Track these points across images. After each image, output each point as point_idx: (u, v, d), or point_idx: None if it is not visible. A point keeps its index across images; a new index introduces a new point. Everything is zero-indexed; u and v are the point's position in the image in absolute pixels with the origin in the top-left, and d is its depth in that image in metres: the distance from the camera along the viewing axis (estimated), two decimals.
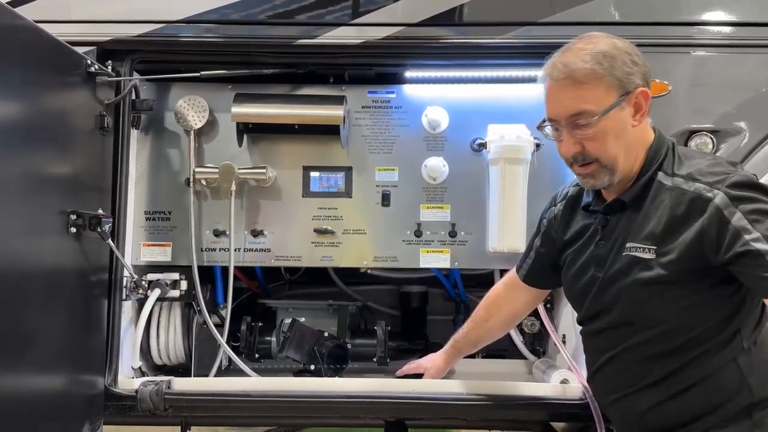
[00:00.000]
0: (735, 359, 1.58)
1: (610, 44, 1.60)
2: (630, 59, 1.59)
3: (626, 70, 1.57)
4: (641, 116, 1.61)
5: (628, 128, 1.61)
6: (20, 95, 1.72)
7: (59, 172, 1.93)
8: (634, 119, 1.60)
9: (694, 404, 1.62)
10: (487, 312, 2.16)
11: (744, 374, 1.58)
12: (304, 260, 2.39)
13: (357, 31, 2.24)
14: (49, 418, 1.86)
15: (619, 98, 1.57)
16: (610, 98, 1.57)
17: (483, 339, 2.21)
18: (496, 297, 2.16)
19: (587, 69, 1.56)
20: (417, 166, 2.38)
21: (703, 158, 1.63)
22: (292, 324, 2.42)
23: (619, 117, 1.59)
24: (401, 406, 2.18)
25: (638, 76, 1.59)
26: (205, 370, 2.40)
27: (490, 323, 2.16)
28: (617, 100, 1.57)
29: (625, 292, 1.65)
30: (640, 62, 1.61)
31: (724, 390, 1.59)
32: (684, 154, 1.65)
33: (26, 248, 1.73)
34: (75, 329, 2.01)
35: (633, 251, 1.62)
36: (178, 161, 2.40)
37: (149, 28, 2.23)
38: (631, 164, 1.65)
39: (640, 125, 1.63)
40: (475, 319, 2.18)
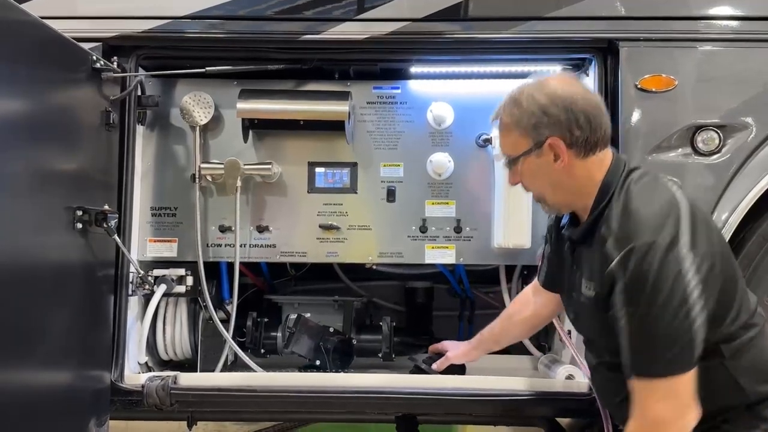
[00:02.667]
0: (722, 363, 1.61)
1: (530, 95, 1.66)
2: (543, 111, 1.64)
3: (533, 122, 1.65)
4: (564, 162, 1.66)
5: (552, 171, 1.68)
6: (26, 91, 1.73)
7: (65, 168, 1.94)
8: (557, 164, 1.67)
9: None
10: (513, 311, 2.20)
11: (733, 375, 1.61)
12: (310, 256, 2.39)
13: (362, 26, 2.24)
14: (56, 413, 1.87)
15: (530, 147, 1.67)
16: (522, 146, 1.69)
17: (505, 336, 2.23)
18: (524, 298, 2.20)
19: (502, 120, 1.72)
20: (422, 162, 2.38)
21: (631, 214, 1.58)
22: (297, 319, 2.43)
23: (537, 162, 1.69)
24: (407, 402, 2.19)
25: (550, 128, 1.64)
26: (211, 366, 2.41)
27: (513, 321, 2.18)
28: (528, 148, 1.68)
29: (589, 320, 1.75)
30: (556, 112, 1.63)
31: (714, 395, 1.60)
32: (627, 202, 1.61)
33: (33, 244, 1.74)
34: (81, 325, 2.01)
35: (584, 287, 1.70)
36: (183, 157, 2.41)
37: (155, 24, 2.23)
38: (574, 200, 1.73)
39: (577, 166, 1.67)
40: (501, 317, 2.21)
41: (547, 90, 1.66)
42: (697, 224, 1.55)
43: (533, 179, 1.74)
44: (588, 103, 1.65)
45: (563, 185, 1.71)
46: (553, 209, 1.83)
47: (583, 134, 1.64)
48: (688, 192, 2.06)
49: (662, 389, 1.52)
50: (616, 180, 1.66)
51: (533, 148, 1.67)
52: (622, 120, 2.16)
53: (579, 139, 1.64)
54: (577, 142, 1.64)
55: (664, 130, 2.16)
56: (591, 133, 1.64)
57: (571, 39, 2.24)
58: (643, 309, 1.51)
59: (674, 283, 1.48)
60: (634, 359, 1.55)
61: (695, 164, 2.16)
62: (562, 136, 1.64)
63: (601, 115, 1.66)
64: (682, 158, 2.16)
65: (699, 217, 1.59)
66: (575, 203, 1.75)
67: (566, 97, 1.64)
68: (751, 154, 2.15)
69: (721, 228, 2.11)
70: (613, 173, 1.68)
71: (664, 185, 1.65)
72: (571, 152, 1.66)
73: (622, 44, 2.18)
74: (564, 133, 1.64)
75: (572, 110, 1.63)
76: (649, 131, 2.17)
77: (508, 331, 2.20)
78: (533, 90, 1.67)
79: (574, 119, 1.63)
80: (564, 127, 1.64)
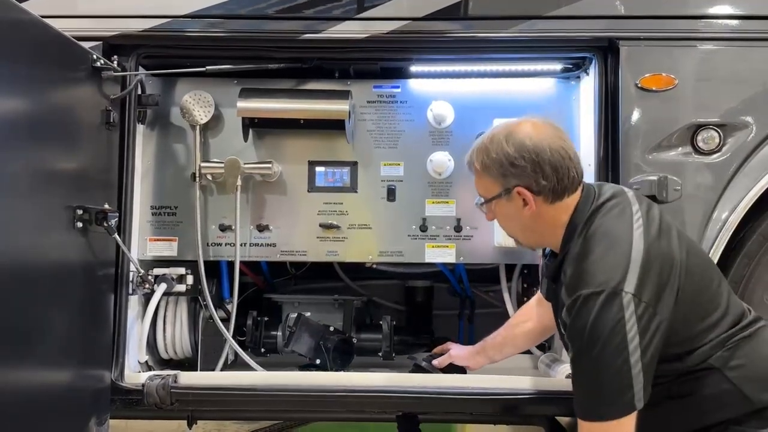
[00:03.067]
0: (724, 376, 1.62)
1: (498, 144, 1.71)
2: (510, 162, 1.69)
3: (501, 172, 1.72)
4: (532, 208, 1.72)
5: (522, 216, 1.75)
6: (26, 90, 1.73)
7: (65, 167, 1.93)
8: (526, 210, 1.73)
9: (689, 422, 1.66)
10: (516, 321, 2.25)
11: (737, 386, 1.62)
12: (310, 255, 2.39)
13: (362, 25, 2.24)
14: (56, 412, 1.87)
15: (500, 192, 1.75)
16: (493, 190, 1.77)
17: (508, 346, 2.25)
18: (527, 309, 2.24)
19: (473, 165, 1.80)
20: (422, 161, 2.38)
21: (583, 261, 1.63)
22: (297, 318, 2.43)
23: (507, 206, 1.76)
24: (407, 401, 2.19)
25: (518, 178, 1.70)
26: (211, 365, 2.41)
27: (516, 332, 2.22)
28: (498, 193, 1.75)
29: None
30: (522, 164, 1.68)
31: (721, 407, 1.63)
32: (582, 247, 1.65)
33: (33, 243, 1.74)
34: (81, 324, 2.01)
35: (559, 317, 1.73)
36: (183, 156, 2.40)
37: (155, 23, 2.23)
38: (544, 240, 1.82)
39: (545, 210, 1.73)
40: (506, 325, 2.25)
41: (515, 139, 1.70)
42: (647, 270, 1.57)
43: (505, 221, 1.85)
44: (555, 153, 1.68)
45: (533, 228, 1.79)
46: (527, 247, 1.96)
47: (550, 183, 1.69)
48: (687, 191, 2.12)
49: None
50: (581, 220, 1.70)
51: (503, 193, 1.75)
52: (623, 119, 2.17)
53: (546, 188, 1.70)
54: (544, 190, 1.70)
55: (665, 129, 2.16)
56: (557, 183, 1.69)
57: (572, 38, 2.23)
58: (583, 355, 1.57)
59: (612, 331, 1.52)
60: (576, 402, 1.62)
61: (695, 163, 2.16)
62: (529, 185, 1.70)
63: (567, 163, 1.69)
64: (682, 157, 2.16)
65: (653, 260, 1.59)
66: (546, 242, 1.84)
67: (533, 148, 1.68)
68: (751, 153, 2.15)
69: (721, 227, 2.12)
70: (579, 212, 1.72)
71: (625, 224, 1.65)
72: (539, 199, 1.72)
73: (623, 43, 2.18)
74: (530, 183, 1.70)
75: (538, 162, 1.68)
76: (650, 130, 2.17)
77: (512, 341, 2.24)
78: (502, 138, 1.72)
79: (540, 170, 1.68)
80: (530, 178, 1.69)
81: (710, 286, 1.70)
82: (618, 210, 1.70)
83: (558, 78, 2.42)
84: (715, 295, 1.70)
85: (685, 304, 1.63)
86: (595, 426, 1.57)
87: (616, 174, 2.18)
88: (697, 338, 1.65)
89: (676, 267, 1.64)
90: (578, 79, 2.40)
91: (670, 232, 1.70)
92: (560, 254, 1.74)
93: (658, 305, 1.57)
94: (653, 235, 1.65)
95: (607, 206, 1.71)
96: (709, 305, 1.67)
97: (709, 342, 1.64)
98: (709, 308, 1.67)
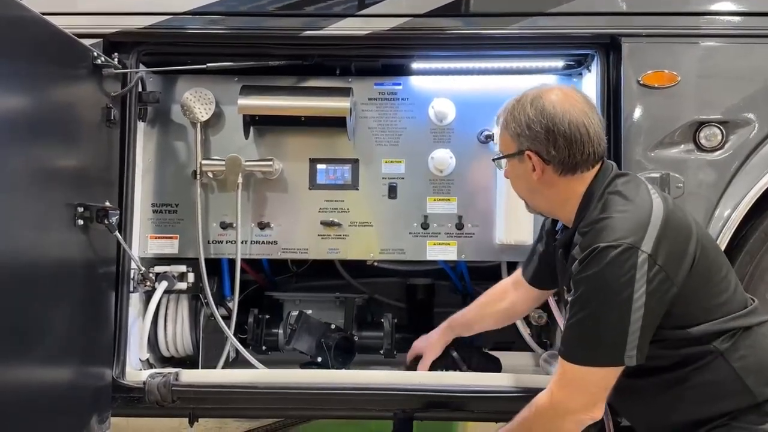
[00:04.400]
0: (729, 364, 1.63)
1: (523, 105, 1.73)
2: (527, 124, 1.71)
3: (518, 132, 1.74)
4: (539, 176, 1.74)
5: (530, 179, 1.76)
6: (27, 88, 1.72)
7: (66, 164, 1.93)
8: (534, 174, 1.74)
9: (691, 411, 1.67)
10: (489, 299, 2.23)
11: (740, 376, 1.62)
12: (311, 252, 2.39)
13: (363, 22, 2.23)
14: (57, 410, 1.87)
15: (514, 151, 1.77)
16: (509, 148, 1.79)
17: (477, 324, 2.25)
18: (501, 289, 2.22)
19: (500, 118, 1.82)
20: (424, 158, 2.38)
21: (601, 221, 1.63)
22: (299, 316, 2.43)
23: (518, 166, 1.79)
24: (408, 399, 2.19)
25: (531, 141, 1.71)
26: (212, 362, 2.40)
27: (487, 310, 2.22)
28: (512, 152, 1.77)
29: None
30: (537, 129, 1.69)
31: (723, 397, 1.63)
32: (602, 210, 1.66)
33: (34, 241, 1.74)
34: (83, 322, 2.01)
35: (567, 293, 1.73)
36: (184, 154, 2.40)
37: (155, 20, 2.23)
38: (554, 210, 1.83)
39: (556, 181, 1.74)
40: (476, 303, 2.25)
41: (539, 104, 1.71)
42: (665, 234, 1.58)
43: (515, 180, 1.86)
44: (574, 126, 1.68)
45: (541, 194, 1.80)
46: (534, 211, 1.95)
47: (560, 155, 1.69)
48: (689, 188, 2.11)
49: (578, 376, 1.61)
50: (599, 189, 1.71)
51: (516, 153, 1.76)
52: (625, 116, 2.16)
53: (556, 159, 1.70)
54: (554, 160, 1.70)
55: (667, 127, 2.16)
56: (569, 156, 1.69)
57: (573, 35, 2.23)
58: (587, 300, 1.58)
59: (621, 284, 1.54)
60: (565, 342, 1.65)
61: (698, 160, 2.16)
62: (539, 151, 1.71)
63: (584, 139, 1.69)
64: (684, 154, 2.16)
65: (671, 226, 1.61)
66: (556, 213, 1.84)
67: (552, 116, 1.69)
68: (753, 150, 2.14)
69: (723, 224, 2.11)
70: (595, 185, 1.72)
71: (643, 192, 1.68)
72: (549, 168, 1.72)
73: (625, 40, 2.17)
74: (542, 150, 1.71)
75: (552, 131, 1.68)
76: (652, 127, 2.16)
77: (481, 319, 2.24)
78: (530, 99, 1.73)
79: (552, 140, 1.69)
80: (543, 145, 1.71)
81: (722, 267, 1.71)
82: (635, 182, 1.73)
83: (560, 75, 2.41)
84: (725, 278, 1.70)
85: (698, 277, 1.63)
86: (577, 368, 1.61)
87: None
88: (704, 313, 1.65)
89: (693, 238, 1.65)
90: (580, 76, 2.39)
91: (684, 210, 1.74)
92: (575, 223, 1.73)
93: (672, 270, 1.58)
94: (671, 206, 1.67)
95: (624, 179, 1.74)
96: (720, 285, 1.68)
97: (715, 320, 1.64)
98: (720, 287, 1.68)
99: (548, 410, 1.69)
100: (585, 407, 1.64)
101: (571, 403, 1.65)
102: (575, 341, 1.63)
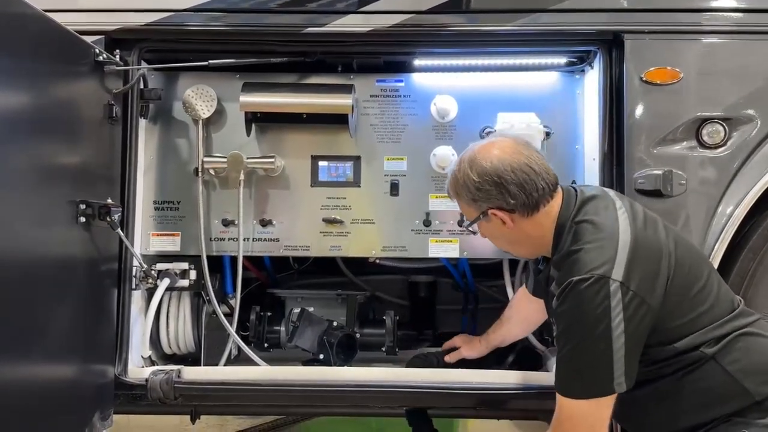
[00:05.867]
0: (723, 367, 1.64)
1: (465, 172, 1.77)
2: (476, 187, 1.75)
3: (472, 197, 1.78)
4: (511, 225, 1.77)
5: (505, 233, 1.81)
6: (28, 85, 1.72)
7: (68, 161, 1.93)
8: (506, 227, 1.78)
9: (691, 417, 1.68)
10: (510, 313, 2.33)
11: (737, 379, 1.63)
12: (313, 250, 2.39)
13: (365, 18, 2.22)
14: (59, 407, 1.87)
15: (478, 215, 1.81)
16: (471, 214, 1.83)
17: (507, 337, 2.36)
18: (518, 301, 2.31)
19: (450, 192, 1.88)
20: (426, 156, 2.37)
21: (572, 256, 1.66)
22: (301, 313, 2.43)
23: (489, 226, 1.83)
24: (410, 395, 2.18)
25: (487, 201, 1.76)
26: (214, 360, 2.40)
27: (511, 324, 2.33)
28: (477, 216, 1.81)
29: None
30: (487, 188, 1.73)
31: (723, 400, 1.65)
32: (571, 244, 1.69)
33: (36, 238, 1.73)
34: (85, 319, 2.01)
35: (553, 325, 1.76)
36: (186, 151, 2.40)
37: (157, 17, 2.22)
38: (536, 250, 1.86)
39: (525, 224, 1.77)
40: (501, 319, 2.35)
41: (477, 166, 1.75)
42: (635, 259, 1.61)
43: (493, 239, 1.91)
44: (517, 172, 1.72)
45: (519, 241, 1.85)
46: (524, 257, 2.02)
47: (519, 201, 1.73)
48: (692, 186, 2.11)
49: (575, 410, 1.63)
50: (567, 221, 1.74)
51: (480, 216, 1.81)
52: (627, 113, 2.16)
53: (517, 205, 1.74)
54: (516, 207, 1.74)
55: (669, 123, 2.15)
56: (527, 197, 1.73)
57: (576, 31, 2.22)
58: (568, 336, 1.62)
59: (598, 316, 1.57)
60: (557, 376, 1.68)
61: (700, 157, 2.15)
62: (500, 206, 1.76)
63: (533, 177, 1.73)
64: (687, 151, 2.16)
65: (641, 249, 1.63)
66: (539, 251, 1.87)
67: (494, 171, 1.73)
68: (756, 147, 2.14)
69: (726, 222, 2.11)
70: (563, 216, 1.76)
71: (610, 216, 1.70)
72: (515, 215, 1.76)
73: (627, 36, 2.17)
74: (500, 204, 1.75)
75: (501, 184, 1.72)
76: (654, 124, 2.16)
77: (510, 333, 2.34)
78: (467, 166, 1.77)
79: (505, 191, 1.73)
80: (499, 199, 1.75)
81: (700, 277, 1.72)
82: (602, 204, 1.75)
83: (562, 72, 2.41)
84: (706, 286, 1.71)
85: (675, 294, 1.65)
86: (572, 402, 1.63)
87: (620, 168, 2.17)
88: (687, 326, 1.66)
89: (664, 257, 1.67)
90: (582, 72, 2.39)
91: (656, 224, 1.74)
92: (552, 257, 1.77)
93: (646, 293, 1.60)
94: (639, 225, 1.69)
95: (591, 203, 1.76)
96: (700, 295, 1.69)
97: (702, 329, 1.66)
98: (700, 298, 1.69)
99: None
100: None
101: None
102: (565, 376, 1.66)
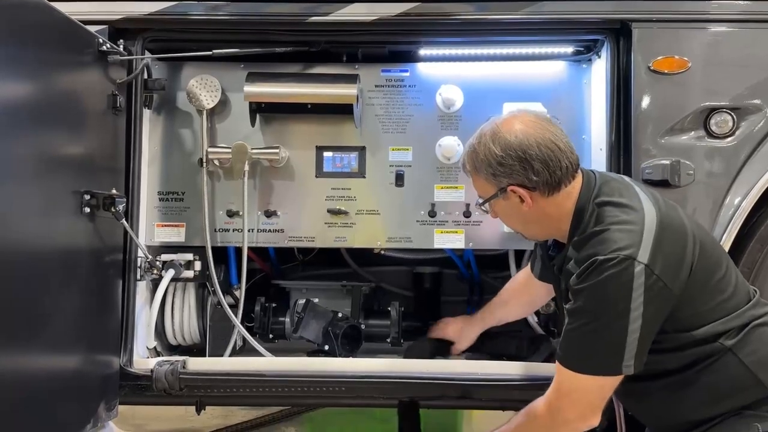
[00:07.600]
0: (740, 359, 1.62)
1: (485, 146, 1.71)
2: (498, 162, 1.69)
3: (491, 172, 1.72)
4: (530, 204, 1.72)
5: (521, 212, 1.75)
6: (32, 75, 1.71)
7: (72, 152, 1.92)
8: (524, 206, 1.73)
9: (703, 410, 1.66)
10: (509, 295, 2.31)
11: (753, 371, 1.62)
12: (318, 241, 2.38)
13: (370, 7, 2.20)
14: (64, 397, 1.87)
15: (495, 192, 1.75)
16: (488, 191, 1.78)
17: (506, 317, 2.35)
18: (518, 284, 2.29)
19: (466, 167, 1.82)
20: (431, 146, 2.36)
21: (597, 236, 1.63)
22: (305, 304, 2.43)
23: (506, 204, 1.77)
24: (415, 386, 2.18)
25: (508, 177, 1.70)
26: (219, 350, 2.40)
27: (509, 306, 2.31)
28: (494, 193, 1.76)
29: None
30: (510, 162, 1.68)
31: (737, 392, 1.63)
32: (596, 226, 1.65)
33: (40, 229, 1.73)
34: (90, 310, 2.01)
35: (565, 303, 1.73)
36: (190, 141, 2.39)
37: (161, 6, 2.21)
38: (550, 231, 1.82)
39: (545, 204, 1.73)
40: (498, 300, 2.33)
41: (500, 140, 1.70)
42: (661, 242, 1.58)
43: (507, 218, 1.86)
44: (543, 147, 1.67)
45: (536, 222, 1.79)
46: (533, 240, 1.98)
47: (542, 178, 1.68)
48: (699, 176, 2.09)
49: (575, 384, 1.61)
50: (588, 203, 1.70)
51: (498, 193, 1.75)
52: (635, 103, 2.14)
53: (539, 183, 1.69)
54: (538, 185, 1.69)
55: (677, 113, 2.14)
56: (550, 176, 1.68)
57: (583, 20, 2.20)
58: (585, 311, 1.59)
59: (618, 296, 1.55)
60: (563, 348, 1.65)
61: (708, 147, 2.13)
62: (521, 183, 1.70)
63: (558, 155, 1.68)
64: (695, 141, 2.14)
65: (667, 232, 1.60)
66: (552, 234, 1.84)
67: (518, 146, 1.68)
68: (765, 136, 2.12)
69: (734, 212, 2.09)
70: (583, 198, 1.72)
71: (634, 199, 1.67)
72: (535, 194, 1.71)
73: (635, 25, 2.15)
74: (522, 180, 1.70)
75: (526, 159, 1.67)
76: (662, 114, 2.14)
77: (508, 313, 2.33)
78: (489, 139, 1.72)
79: (529, 167, 1.68)
80: (521, 175, 1.69)
81: (721, 265, 1.70)
82: (624, 188, 1.72)
83: (569, 61, 2.39)
84: (726, 275, 1.69)
85: (697, 280, 1.63)
86: (574, 376, 1.61)
87: (627, 158, 2.15)
88: (707, 314, 1.64)
89: (689, 240, 1.64)
90: (590, 62, 2.37)
91: (677, 209, 1.73)
92: (570, 241, 1.73)
93: (669, 278, 1.57)
94: (663, 208, 1.66)
95: (612, 185, 1.73)
96: (721, 283, 1.67)
97: (720, 319, 1.64)
98: (721, 286, 1.67)
99: (544, 418, 1.69)
100: (582, 416, 1.65)
101: (568, 412, 1.65)
102: (573, 349, 1.63)
